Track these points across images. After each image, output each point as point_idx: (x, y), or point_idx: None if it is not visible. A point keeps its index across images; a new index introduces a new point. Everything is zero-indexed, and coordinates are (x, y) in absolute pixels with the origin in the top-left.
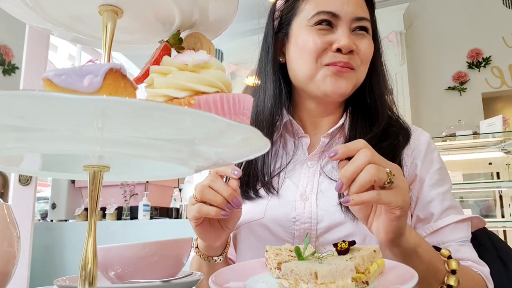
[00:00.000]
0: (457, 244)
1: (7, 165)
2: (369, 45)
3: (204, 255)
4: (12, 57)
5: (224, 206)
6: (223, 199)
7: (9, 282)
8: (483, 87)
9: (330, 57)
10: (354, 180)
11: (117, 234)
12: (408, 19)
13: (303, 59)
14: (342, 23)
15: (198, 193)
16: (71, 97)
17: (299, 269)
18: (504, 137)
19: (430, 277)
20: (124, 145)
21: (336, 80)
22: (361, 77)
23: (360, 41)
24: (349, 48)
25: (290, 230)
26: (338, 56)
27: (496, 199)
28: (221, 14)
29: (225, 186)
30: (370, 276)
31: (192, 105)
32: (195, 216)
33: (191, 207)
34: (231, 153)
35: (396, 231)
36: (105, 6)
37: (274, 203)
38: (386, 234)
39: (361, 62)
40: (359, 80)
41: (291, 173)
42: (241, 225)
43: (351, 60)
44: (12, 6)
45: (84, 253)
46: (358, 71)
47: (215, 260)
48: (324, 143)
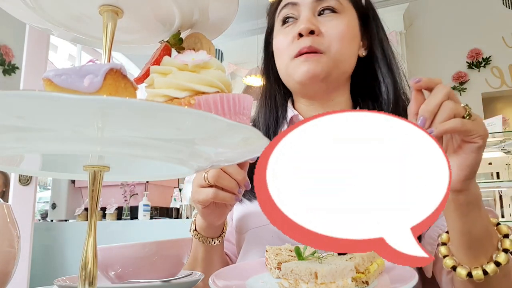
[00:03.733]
0: None
1: (7, 165)
2: (337, 24)
3: (204, 237)
4: (12, 57)
5: (236, 190)
6: (236, 183)
7: (9, 282)
8: (483, 87)
9: (295, 47)
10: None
11: (117, 234)
12: (408, 19)
13: (279, 59)
14: (304, 9)
15: (212, 177)
16: (71, 97)
17: (299, 269)
18: (504, 137)
19: (486, 239)
20: (124, 145)
21: (303, 65)
22: (339, 59)
23: (327, 23)
24: (307, 29)
25: None
26: (301, 42)
27: (496, 199)
28: (221, 15)
29: (238, 170)
30: (370, 276)
31: (192, 105)
32: (208, 200)
33: (200, 190)
34: (231, 153)
35: (473, 166)
36: (105, 6)
37: None
38: (462, 171)
39: (329, 43)
40: (337, 62)
41: None
42: (249, 229)
43: (315, 43)
44: (12, 6)
45: (84, 253)
46: (329, 53)
47: (214, 242)
48: None
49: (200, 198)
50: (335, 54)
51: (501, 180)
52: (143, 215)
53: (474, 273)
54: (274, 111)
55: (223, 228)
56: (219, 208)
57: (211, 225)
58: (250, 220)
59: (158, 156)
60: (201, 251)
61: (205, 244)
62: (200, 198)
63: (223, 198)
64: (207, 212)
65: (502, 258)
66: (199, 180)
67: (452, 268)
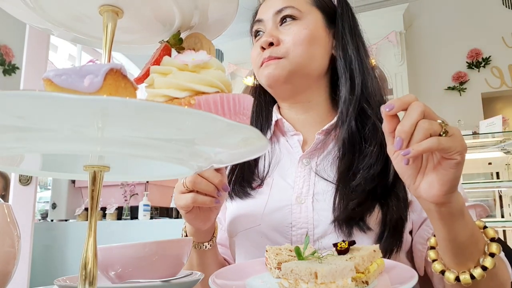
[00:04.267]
0: None
1: (7, 165)
2: (295, 30)
3: (195, 242)
4: (12, 57)
5: (215, 193)
6: (214, 187)
7: (9, 282)
8: (482, 87)
9: (259, 58)
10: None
11: (117, 234)
12: (408, 19)
13: (253, 69)
14: (267, 23)
15: (189, 182)
16: (71, 97)
17: (299, 269)
18: (504, 137)
19: (472, 245)
20: (124, 145)
21: (264, 70)
22: (300, 60)
23: (285, 32)
24: (265, 42)
25: (287, 235)
26: (264, 54)
27: (496, 199)
28: (221, 15)
29: (215, 173)
30: (370, 276)
31: (192, 105)
32: (188, 205)
33: (180, 196)
34: (231, 153)
35: (453, 181)
36: (106, 6)
37: (270, 208)
38: (443, 186)
39: (287, 49)
40: (298, 64)
41: (286, 172)
42: (238, 232)
43: (273, 52)
44: (12, 6)
45: (84, 253)
46: (288, 57)
47: (205, 247)
48: (319, 139)
49: (181, 204)
50: (294, 57)
51: (501, 180)
52: (143, 215)
53: (461, 278)
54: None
55: (213, 233)
56: (203, 213)
57: (198, 230)
58: (239, 223)
59: (158, 156)
60: (195, 257)
61: (197, 249)
62: (182, 203)
63: (203, 202)
64: (191, 217)
65: (488, 262)
66: (179, 186)
67: (440, 273)
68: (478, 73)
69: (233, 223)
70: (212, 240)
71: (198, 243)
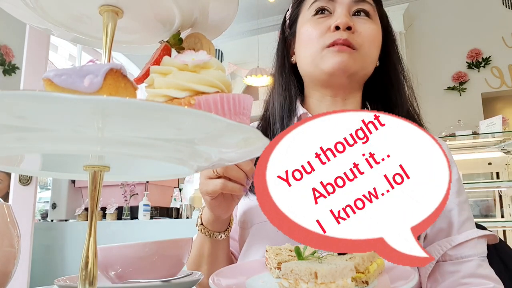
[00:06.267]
0: (479, 259)
1: (7, 165)
2: (371, 27)
3: (210, 231)
4: (12, 57)
5: (244, 181)
6: (244, 174)
7: (9, 282)
8: (482, 87)
9: (329, 37)
10: None
11: (117, 234)
12: (408, 19)
13: (307, 47)
14: (340, 6)
15: (220, 168)
16: (71, 97)
17: (299, 269)
18: (504, 137)
19: None
20: (124, 145)
21: (337, 56)
22: (367, 60)
23: (362, 24)
24: (346, 24)
25: None
26: (336, 34)
27: (496, 199)
28: (221, 15)
29: (246, 161)
30: (370, 276)
31: (192, 105)
32: (216, 191)
33: (208, 181)
34: (231, 153)
35: None
36: (105, 6)
37: None
38: None
39: (362, 42)
40: (365, 62)
41: None
42: (254, 223)
43: (350, 38)
44: (12, 6)
45: (85, 253)
46: (361, 51)
47: (220, 236)
48: None
49: (208, 189)
50: (365, 54)
51: (501, 180)
52: (143, 215)
53: None
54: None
55: (229, 223)
56: (226, 201)
57: (218, 218)
58: (255, 214)
59: (158, 156)
60: (207, 246)
61: (212, 238)
62: (209, 189)
63: (232, 189)
64: (215, 204)
65: None
66: (207, 171)
67: None
68: (478, 73)
69: (248, 214)
70: (228, 230)
71: (214, 232)
